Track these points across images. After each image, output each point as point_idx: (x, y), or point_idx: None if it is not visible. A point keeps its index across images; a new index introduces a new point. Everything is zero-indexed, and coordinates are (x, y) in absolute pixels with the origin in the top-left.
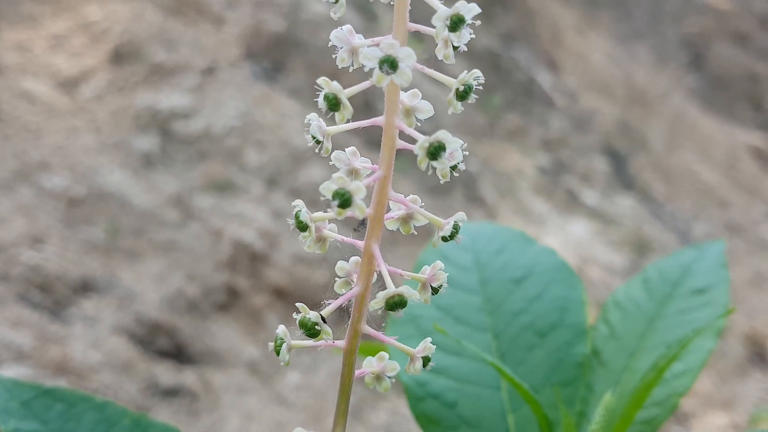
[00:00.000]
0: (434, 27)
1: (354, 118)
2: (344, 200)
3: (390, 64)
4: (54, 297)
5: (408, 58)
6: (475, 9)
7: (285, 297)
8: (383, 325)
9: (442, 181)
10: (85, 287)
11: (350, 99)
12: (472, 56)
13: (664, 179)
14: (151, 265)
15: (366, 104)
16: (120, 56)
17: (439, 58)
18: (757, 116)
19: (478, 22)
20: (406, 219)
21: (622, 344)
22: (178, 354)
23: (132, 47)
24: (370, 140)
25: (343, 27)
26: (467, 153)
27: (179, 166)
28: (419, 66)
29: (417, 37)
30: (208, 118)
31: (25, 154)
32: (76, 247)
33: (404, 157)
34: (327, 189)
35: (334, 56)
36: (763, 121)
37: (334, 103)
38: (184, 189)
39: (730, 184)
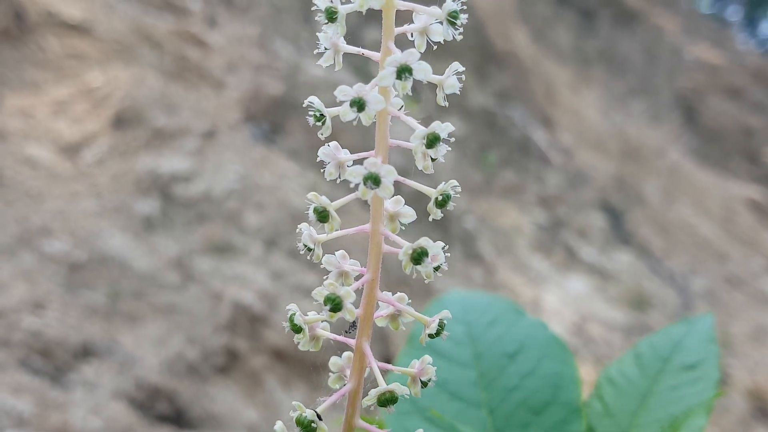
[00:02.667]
0: (412, 143)
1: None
2: (335, 305)
3: (373, 180)
4: (54, 363)
5: (389, 174)
6: (449, 128)
7: (284, 358)
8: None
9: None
10: (86, 352)
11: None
12: (467, 115)
13: (662, 234)
14: (151, 328)
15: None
16: (121, 121)
17: (419, 168)
18: (752, 169)
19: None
20: (395, 316)
21: (616, 421)
22: (178, 418)
23: (133, 112)
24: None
25: (330, 144)
26: (458, 188)
27: (179, 229)
28: (401, 178)
29: (414, 98)
30: (208, 181)
31: (27, 219)
32: (77, 312)
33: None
34: (319, 294)
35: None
36: (758, 174)
37: (323, 216)
38: (184, 251)
39: (728, 237)
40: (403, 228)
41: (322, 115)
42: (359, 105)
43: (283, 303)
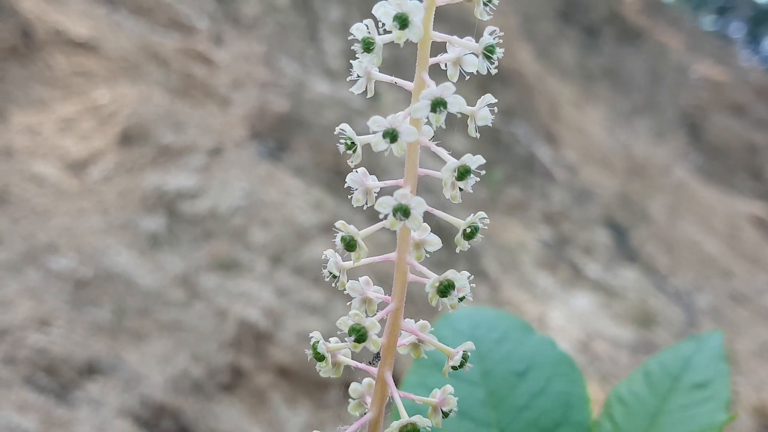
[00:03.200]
0: (443, 174)
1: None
2: (360, 335)
3: (403, 212)
4: (60, 380)
5: (419, 206)
6: (480, 160)
7: (289, 376)
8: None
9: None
10: (91, 370)
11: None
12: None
13: (667, 251)
14: (156, 345)
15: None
16: (128, 138)
17: (447, 197)
18: (756, 186)
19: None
20: (417, 345)
21: None
22: None
23: (140, 129)
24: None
25: (357, 170)
26: (487, 221)
27: (185, 246)
28: (431, 209)
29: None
30: (214, 198)
31: (33, 236)
32: (83, 329)
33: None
34: (344, 324)
35: (337, 139)
36: (762, 190)
37: (350, 245)
38: (190, 268)
39: (733, 254)
40: (428, 255)
41: (353, 143)
42: (392, 136)
43: (288, 320)
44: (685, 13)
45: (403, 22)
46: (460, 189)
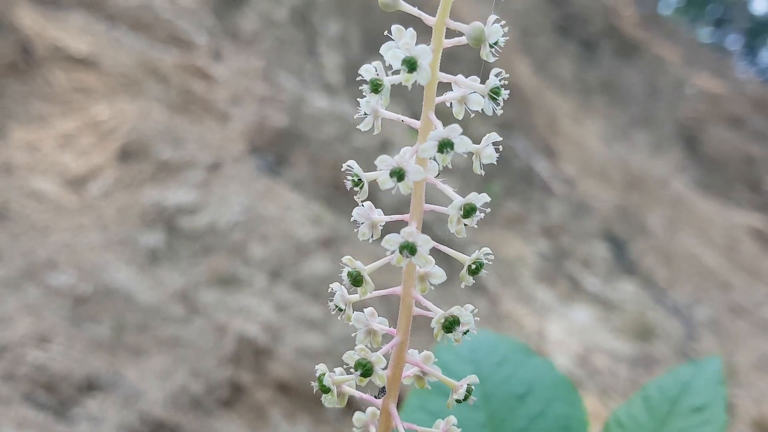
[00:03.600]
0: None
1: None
2: (366, 370)
3: (410, 249)
4: (59, 397)
5: (426, 243)
6: (485, 198)
7: (289, 391)
8: None
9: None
10: (90, 386)
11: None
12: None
13: (665, 263)
14: (155, 361)
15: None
16: (127, 154)
17: (452, 232)
18: (754, 198)
19: (472, 115)
20: (421, 377)
21: None
22: None
23: (139, 145)
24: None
25: (364, 203)
26: (491, 257)
27: (184, 262)
28: (436, 245)
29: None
30: (213, 213)
31: (33, 252)
32: (82, 346)
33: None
34: (350, 358)
35: (336, 153)
36: (760, 202)
37: (357, 280)
38: (189, 284)
39: (731, 266)
40: (433, 288)
41: (360, 179)
42: (399, 175)
43: (287, 335)
44: (682, 26)
45: (411, 65)
46: (465, 225)
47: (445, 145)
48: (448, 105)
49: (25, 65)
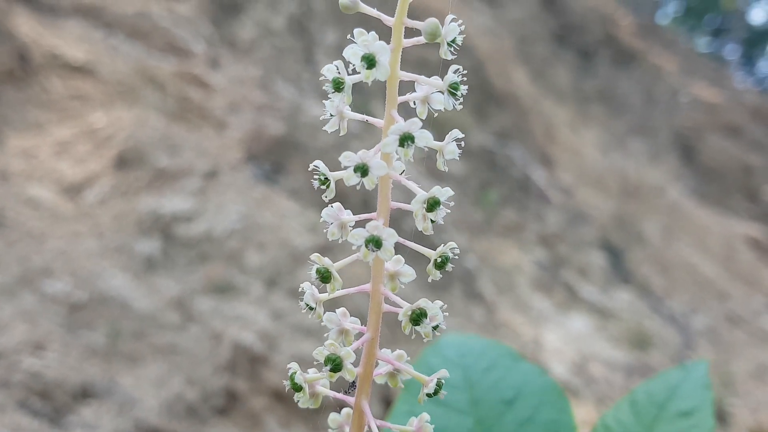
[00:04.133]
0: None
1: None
2: (335, 365)
3: (375, 243)
4: (54, 404)
5: (391, 237)
6: (449, 192)
7: (284, 399)
8: None
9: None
10: (85, 393)
11: (349, 199)
12: (467, 154)
13: (662, 272)
14: (150, 369)
15: (364, 202)
16: (124, 162)
17: (419, 229)
18: (751, 207)
19: (462, 143)
20: (394, 374)
21: None
22: None
23: (136, 153)
24: None
25: (332, 205)
26: (457, 251)
27: (180, 269)
28: (402, 240)
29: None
30: (209, 221)
31: (28, 259)
32: (77, 353)
33: (404, 254)
34: (320, 354)
35: (334, 161)
36: (758, 212)
37: (326, 277)
38: (185, 292)
39: (729, 275)
40: (403, 287)
41: (326, 178)
42: (363, 170)
43: (283, 343)
44: (679, 35)
45: (370, 62)
46: (432, 221)
47: (405, 139)
48: (412, 105)
49: (22, 72)
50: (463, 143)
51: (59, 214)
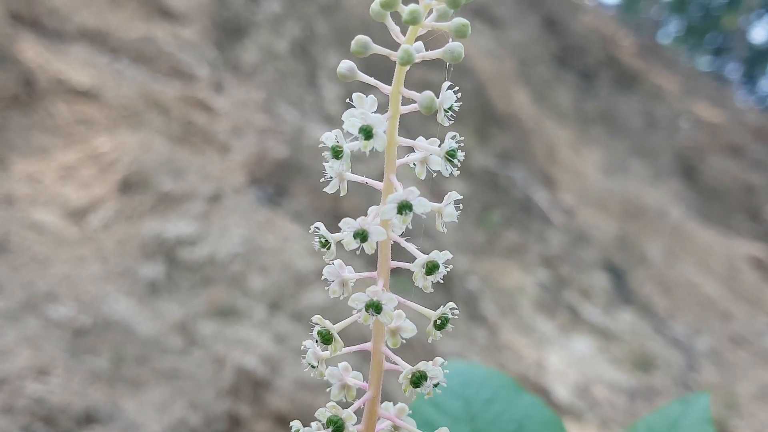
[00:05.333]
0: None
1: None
2: (337, 427)
3: (375, 308)
4: (58, 429)
5: (390, 302)
6: (447, 255)
7: (287, 424)
8: None
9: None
10: (89, 419)
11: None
12: (469, 175)
13: (665, 293)
14: (154, 394)
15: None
16: (128, 186)
17: (419, 286)
18: (754, 227)
19: (460, 205)
20: (395, 430)
21: None
22: None
23: (140, 177)
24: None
25: (334, 262)
26: (457, 312)
27: (184, 293)
28: (402, 300)
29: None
30: (213, 244)
31: (33, 284)
32: (81, 378)
33: (405, 276)
34: (322, 415)
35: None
36: (760, 231)
37: (327, 338)
38: (188, 315)
39: (732, 295)
40: (404, 341)
41: (327, 241)
42: (362, 236)
43: (286, 367)
44: (681, 55)
45: (368, 133)
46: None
47: (403, 207)
48: (412, 166)
49: (27, 98)
50: (461, 206)
51: (64, 239)
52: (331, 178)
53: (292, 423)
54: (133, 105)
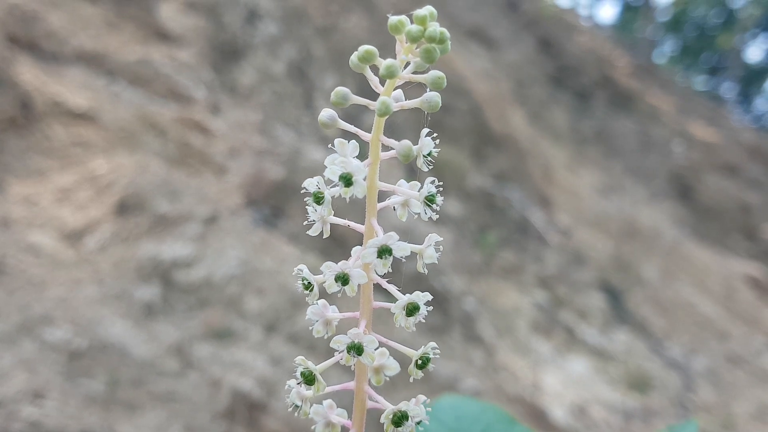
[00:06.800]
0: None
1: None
2: None
3: (357, 350)
4: None
5: (371, 344)
6: (427, 297)
7: None
8: None
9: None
10: None
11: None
12: (466, 196)
13: (662, 313)
14: (149, 417)
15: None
16: (125, 208)
17: (400, 326)
18: (750, 246)
19: (441, 247)
20: None
21: None
22: None
23: (136, 199)
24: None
25: (318, 302)
26: (438, 351)
27: (180, 315)
28: (384, 339)
29: (411, 177)
30: (209, 266)
31: (29, 307)
32: (76, 401)
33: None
34: None
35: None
36: (757, 250)
37: (310, 379)
38: (184, 338)
39: (728, 315)
40: (387, 378)
41: (309, 283)
42: (343, 279)
43: (282, 389)
44: (676, 75)
45: (347, 181)
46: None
47: (383, 252)
48: (393, 209)
49: (24, 120)
50: (441, 247)
51: (60, 261)
52: (314, 221)
53: None
54: (130, 127)
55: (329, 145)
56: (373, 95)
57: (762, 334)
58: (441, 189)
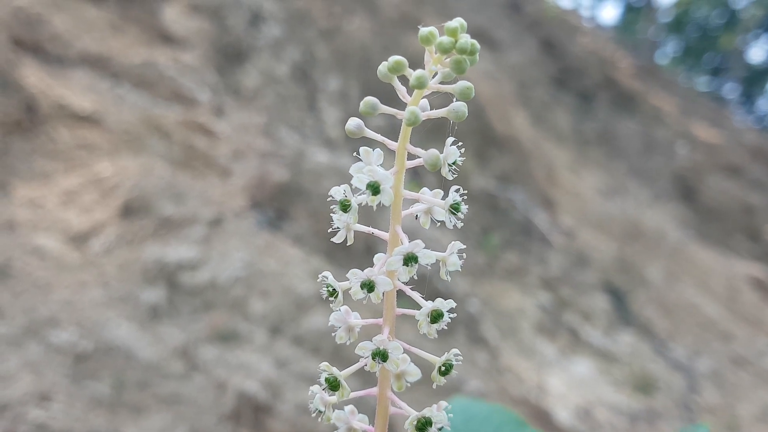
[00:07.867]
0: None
1: (356, 262)
2: None
3: (381, 356)
4: None
5: (396, 350)
6: (451, 303)
7: None
8: None
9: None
10: None
11: (354, 244)
12: (469, 198)
13: (665, 314)
14: (155, 419)
15: (367, 248)
16: (130, 210)
17: (422, 333)
18: (754, 247)
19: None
20: None
21: None
22: None
23: (141, 202)
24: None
25: (341, 308)
26: (460, 358)
27: (185, 318)
28: (407, 346)
29: (416, 181)
30: (213, 269)
31: (34, 310)
32: (82, 404)
33: (408, 302)
34: None
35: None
36: (760, 251)
37: (334, 385)
38: (189, 340)
39: (732, 316)
40: (409, 384)
41: (334, 290)
42: (369, 287)
43: (287, 392)
44: (679, 76)
45: (375, 189)
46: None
47: (409, 260)
48: (416, 217)
49: (29, 123)
50: (465, 196)
51: (65, 264)
52: (338, 228)
53: None
54: (135, 130)
55: (354, 154)
56: (392, 102)
57: (766, 336)
58: (465, 197)
